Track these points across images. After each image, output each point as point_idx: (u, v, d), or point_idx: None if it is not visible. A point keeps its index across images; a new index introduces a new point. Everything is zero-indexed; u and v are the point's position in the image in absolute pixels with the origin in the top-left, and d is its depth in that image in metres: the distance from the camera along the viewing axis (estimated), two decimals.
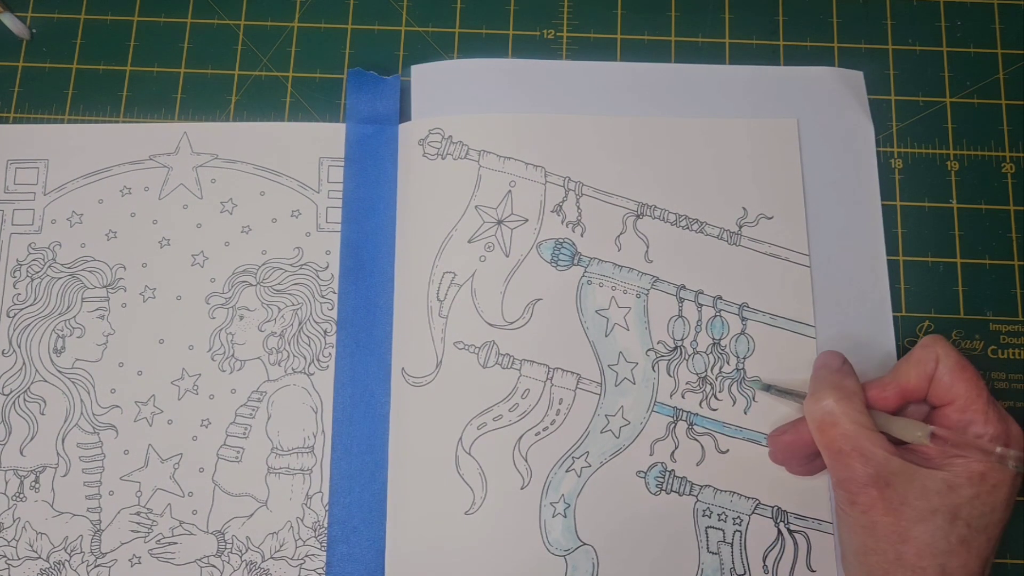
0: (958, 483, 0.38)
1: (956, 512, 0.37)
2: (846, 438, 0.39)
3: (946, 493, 0.37)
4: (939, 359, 0.40)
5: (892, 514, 0.37)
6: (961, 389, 0.39)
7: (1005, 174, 0.51)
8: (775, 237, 0.49)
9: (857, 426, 0.39)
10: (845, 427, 0.39)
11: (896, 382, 0.41)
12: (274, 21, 0.54)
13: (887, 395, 0.41)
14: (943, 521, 0.37)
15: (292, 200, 0.50)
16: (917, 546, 0.37)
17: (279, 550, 0.46)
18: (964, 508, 0.37)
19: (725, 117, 0.51)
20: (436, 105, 0.51)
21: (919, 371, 0.40)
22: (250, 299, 0.49)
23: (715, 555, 0.45)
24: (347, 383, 0.48)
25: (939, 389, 0.40)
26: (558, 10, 0.54)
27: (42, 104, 0.52)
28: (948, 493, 0.37)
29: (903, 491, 0.38)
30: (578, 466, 0.46)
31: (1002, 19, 0.53)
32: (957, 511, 0.37)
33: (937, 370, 0.40)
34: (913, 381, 0.40)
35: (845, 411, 0.39)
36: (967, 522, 0.37)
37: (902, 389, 0.41)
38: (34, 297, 0.49)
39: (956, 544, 0.37)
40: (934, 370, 0.40)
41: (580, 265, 0.49)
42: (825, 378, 0.42)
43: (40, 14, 0.54)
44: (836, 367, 0.43)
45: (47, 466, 0.47)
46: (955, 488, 0.38)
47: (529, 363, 0.47)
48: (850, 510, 0.39)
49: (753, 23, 0.53)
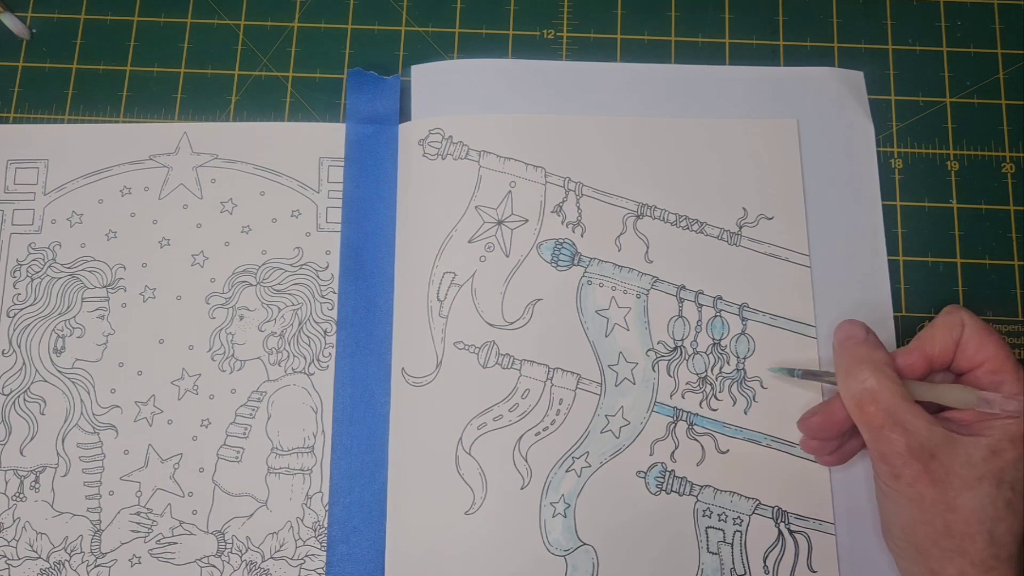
0: (1001, 447, 0.38)
1: (1001, 476, 0.37)
2: (887, 413, 0.38)
3: (990, 459, 0.37)
4: (964, 324, 0.40)
5: (938, 485, 0.37)
6: (990, 351, 0.39)
7: (1005, 174, 0.51)
8: (775, 237, 0.49)
9: (897, 399, 0.39)
10: (885, 401, 0.39)
11: (922, 350, 0.41)
12: (274, 21, 0.54)
13: (914, 363, 0.41)
14: (989, 487, 0.37)
15: (292, 200, 0.50)
16: (964, 514, 0.37)
17: (279, 550, 0.46)
18: (1008, 472, 0.37)
19: (725, 117, 0.51)
20: (436, 105, 0.51)
21: (945, 337, 0.40)
22: (250, 299, 0.49)
23: (715, 555, 0.45)
24: (347, 383, 0.48)
25: (966, 353, 0.40)
26: (558, 10, 0.54)
27: (42, 104, 0.52)
28: (992, 459, 0.37)
29: (947, 461, 0.37)
30: (578, 466, 0.46)
31: (1002, 19, 0.53)
32: (1002, 475, 0.37)
33: (963, 335, 0.40)
34: (939, 347, 0.40)
35: (883, 384, 0.39)
36: (1011, 485, 0.37)
37: (929, 356, 0.41)
38: (34, 297, 0.49)
39: (1003, 509, 0.37)
40: (960, 335, 0.40)
41: (580, 265, 0.49)
42: (856, 352, 0.41)
43: (40, 14, 0.54)
44: (862, 339, 0.42)
45: (47, 466, 0.47)
46: (999, 453, 0.37)
47: (529, 363, 0.47)
48: (895, 484, 0.39)
49: (753, 23, 0.53)
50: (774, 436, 0.46)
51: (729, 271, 0.48)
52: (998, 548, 0.37)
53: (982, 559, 0.37)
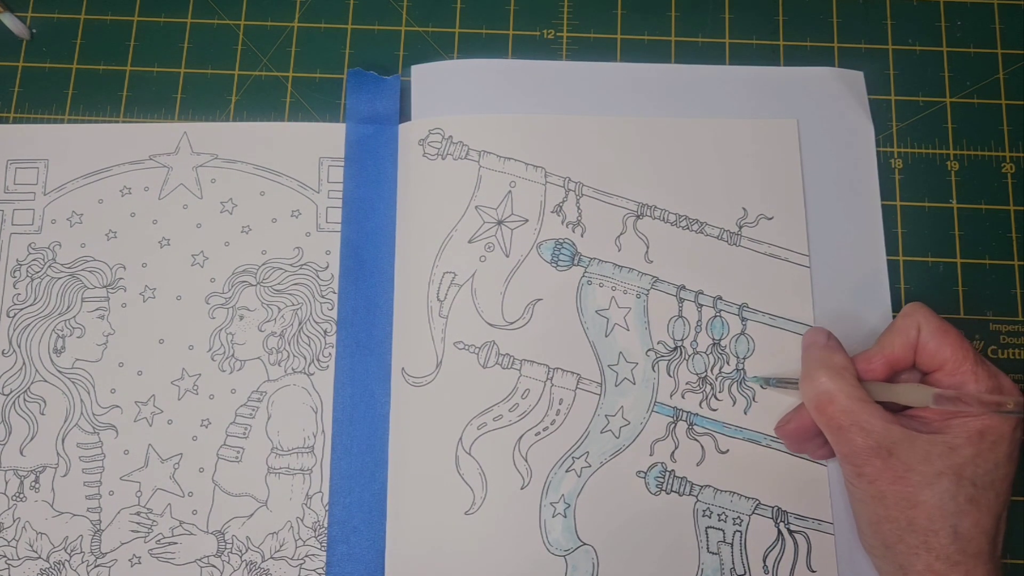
0: (958, 443, 0.38)
1: (960, 472, 0.38)
2: (844, 413, 0.39)
3: (948, 455, 0.38)
4: (920, 326, 0.40)
5: (899, 482, 0.38)
6: (947, 353, 0.40)
7: (1005, 174, 0.51)
8: (775, 237, 0.49)
9: (853, 399, 0.39)
10: (841, 403, 0.39)
11: (882, 353, 0.41)
12: (274, 21, 0.54)
13: (874, 367, 0.41)
14: (949, 483, 0.37)
15: (292, 200, 0.50)
16: (927, 510, 0.37)
17: (279, 550, 0.46)
18: (968, 467, 0.38)
19: (725, 117, 0.51)
20: (436, 105, 0.51)
21: (902, 340, 0.41)
22: (250, 299, 0.49)
23: (715, 555, 0.45)
24: (347, 383, 0.48)
25: (925, 355, 0.40)
26: (558, 10, 0.54)
27: (42, 104, 0.52)
28: (950, 454, 0.38)
29: (906, 458, 0.38)
30: (578, 466, 0.46)
31: (1002, 19, 0.53)
32: (961, 471, 0.38)
33: (920, 337, 0.40)
34: (898, 350, 0.41)
35: (839, 387, 0.40)
36: (972, 480, 0.38)
37: (888, 359, 0.41)
38: (34, 297, 0.49)
39: (965, 504, 0.37)
40: (917, 337, 0.40)
41: (580, 265, 0.49)
42: (815, 357, 0.42)
43: (40, 14, 0.54)
44: (823, 343, 0.43)
45: (47, 466, 0.47)
46: (956, 448, 0.38)
47: (529, 363, 0.47)
48: (858, 483, 0.39)
49: (753, 23, 0.53)
50: (774, 436, 0.46)
51: (729, 271, 0.48)
52: (964, 543, 0.37)
53: (947, 554, 0.37)
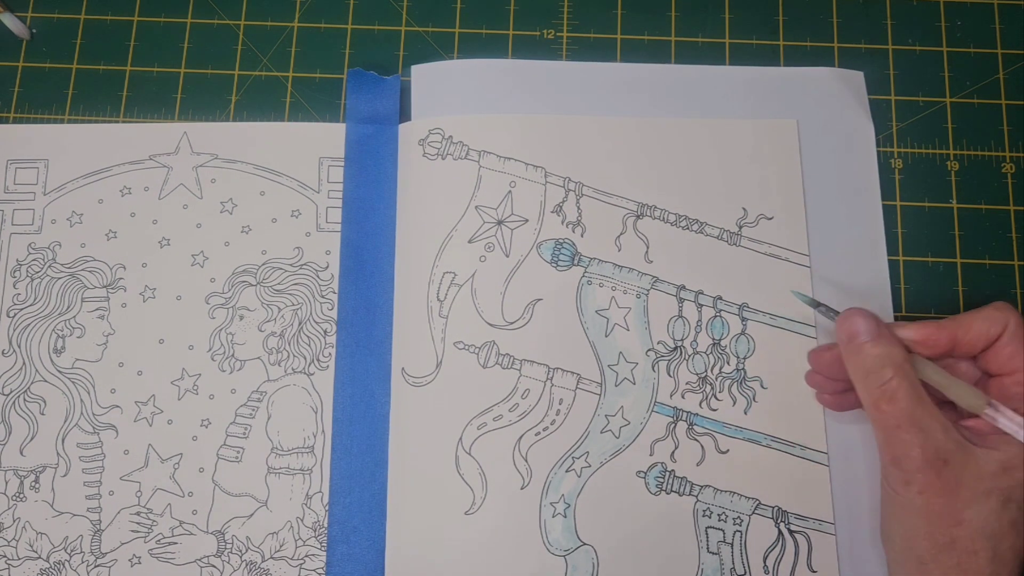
0: (1013, 464, 0.36)
1: (1009, 495, 0.36)
2: (906, 416, 0.37)
3: (1000, 475, 0.36)
4: (1008, 325, 0.38)
5: (947, 495, 0.36)
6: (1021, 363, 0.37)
7: (1005, 174, 0.51)
8: (775, 237, 0.49)
9: (915, 400, 0.37)
10: (903, 401, 0.37)
11: (955, 330, 0.38)
12: (274, 21, 0.54)
13: (939, 339, 0.38)
14: (996, 503, 0.36)
15: (292, 200, 0.50)
16: (970, 529, 0.36)
17: (279, 550, 0.46)
18: (1017, 491, 0.36)
19: (725, 117, 0.51)
20: (436, 105, 0.51)
21: (983, 329, 0.38)
22: (250, 299, 0.49)
23: (715, 555, 0.45)
24: (347, 383, 0.48)
25: (1000, 356, 0.38)
26: (558, 10, 0.54)
27: (42, 104, 0.52)
28: (1002, 475, 0.36)
29: (959, 471, 0.36)
30: (578, 466, 0.46)
31: (1002, 19, 0.53)
32: (1010, 493, 0.36)
33: (1003, 336, 0.38)
34: (973, 335, 0.38)
35: (902, 386, 0.37)
36: (1018, 505, 0.36)
37: (957, 338, 0.38)
38: (34, 297, 0.49)
39: (1007, 526, 0.36)
40: (1000, 334, 0.38)
41: (580, 265, 0.49)
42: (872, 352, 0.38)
43: (40, 14, 0.54)
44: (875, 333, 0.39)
45: (47, 466, 0.47)
46: (1009, 470, 0.36)
47: (529, 363, 0.47)
48: (903, 491, 0.37)
49: (753, 23, 0.53)
50: (774, 436, 0.46)
51: (729, 271, 0.48)
52: (1000, 566, 0.36)
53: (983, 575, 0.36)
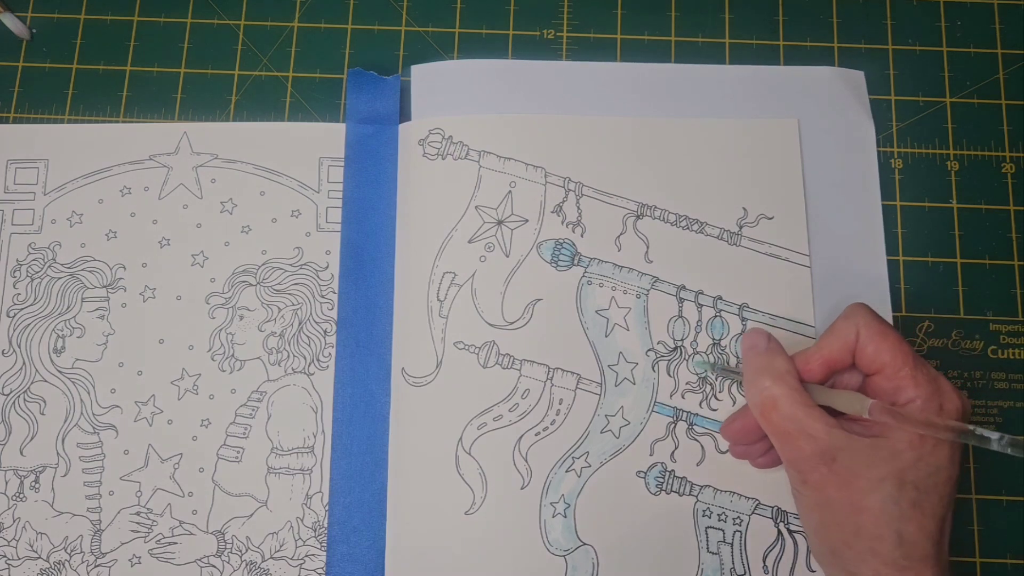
0: (900, 448, 0.38)
1: (903, 477, 0.37)
2: (789, 419, 0.39)
3: (890, 459, 0.37)
4: (859, 329, 0.40)
5: (844, 488, 0.38)
6: (886, 357, 0.39)
7: (1005, 174, 0.51)
8: (775, 237, 0.49)
9: (797, 405, 0.39)
10: (785, 408, 0.39)
11: (820, 354, 0.41)
12: (274, 21, 0.54)
13: (812, 368, 0.41)
14: (892, 488, 0.37)
15: (292, 200, 0.50)
16: (872, 515, 0.37)
17: (279, 550, 0.46)
18: (909, 472, 0.37)
19: (725, 117, 0.51)
20: (436, 105, 0.51)
21: (840, 342, 0.40)
22: (250, 299, 0.49)
23: (715, 555, 0.45)
24: (347, 383, 0.48)
25: (864, 358, 0.40)
26: (558, 10, 0.54)
27: (42, 104, 0.52)
28: (892, 459, 0.37)
29: (850, 463, 0.38)
30: (578, 466, 0.46)
31: (1002, 19, 0.53)
32: (903, 475, 0.37)
33: (859, 340, 0.40)
34: (836, 352, 0.41)
35: (783, 392, 0.39)
36: (915, 485, 0.37)
37: (826, 360, 0.41)
38: (34, 297, 0.49)
39: (908, 508, 0.37)
40: (855, 340, 0.40)
41: (580, 265, 0.49)
42: (756, 362, 0.42)
43: (40, 14, 0.54)
44: (763, 348, 0.42)
45: (47, 466, 0.47)
46: (898, 453, 0.38)
47: (529, 363, 0.47)
48: (803, 489, 0.39)
49: (753, 23, 0.53)
50: None
51: (729, 271, 0.48)
52: (908, 548, 0.37)
53: (893, 559, 0.37)
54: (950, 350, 0.49)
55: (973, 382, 0.48)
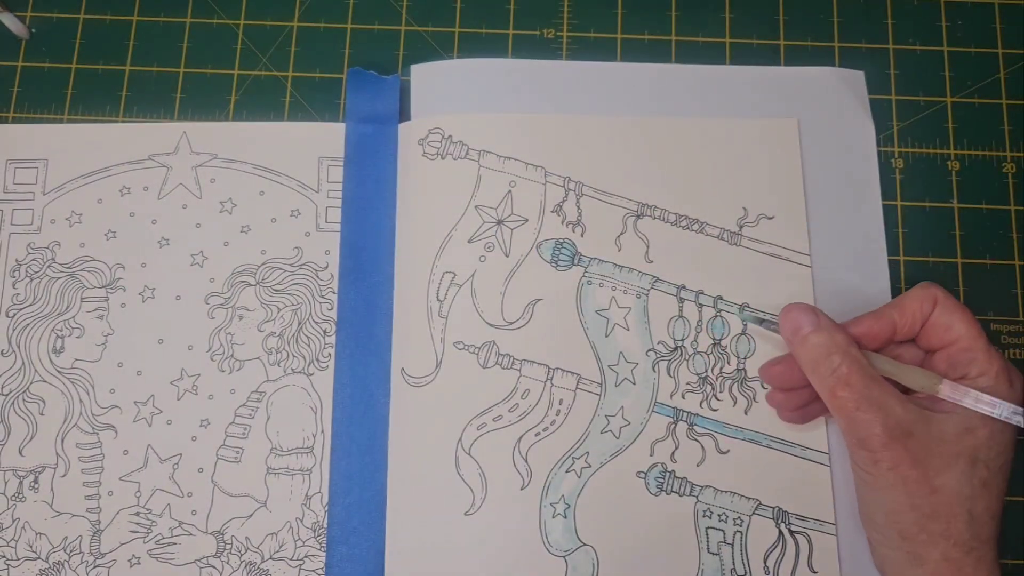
0: (973, 424, 0.37)
1: (975, 454, 0.37)
2: (860, 396, 0.38)
3: (964, 436, 0.37)
4: (937, 300, 0.40)
5: (919, 466, 0.37)
6: (962, 328, 0.39)
7: (1006, 174, 0.51)
8: (776, 237, 0.49)
9: (867, 380, 0.38)
10: (857, 384, 0.38)
11: (890, 316, 0.40)
12: (274, 21, 0.54)
13: (879, 330, 0.40)
14: (966, 465, 0.37)
15: (291, 200, 0.50)
16: (947, 495, 0.36)
17: (278, 551, 0.46)
18: (982, 450, 0.37)
19: (725, 117, 0.51)
20: (436, 105, 0.51)
21: (916, 308, 0.40)
22: (249, 299, 0.49)
23: (716, 556, 0.45)
24: (347, 383, 0.48)
25: (937, 330, 0.40)
26: (558, 10, 0.54)
27: (41, 104, 0.52)
28: (966, 436, 0.37)
29: (924, 440, 0.37)
30: (578, 466, 0.46)
31: (1003, 19, 0.53)
32: (976, 453, 0.37)
33: (935, 311, 0.40)
34: (908, 319, 0.40)
35: (852, 369, 0.38)
36: (986, 464, 0.37)
37: (895, 325, 0.40)
38: (33, 297, 0.49)
39: (979, 487, 0.37)
40: (931, 310, 0.40)
41: (580, 265, 0.49)
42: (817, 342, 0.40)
43: (39, 14, 0.54)
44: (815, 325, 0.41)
45: (46, 466, 0.47)
46: (972, 430, 0.37)
47: (529, 363, 0.47)
48: (874, 470, 0.38)
49: (753, 23, 0.53)
50: (774, 436, 0.46)
51: (729, 271, 0.48)
52: (978, 527, 0.37)
53: (964, 540, 0.37)
54: None
55: None
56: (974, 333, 0.39)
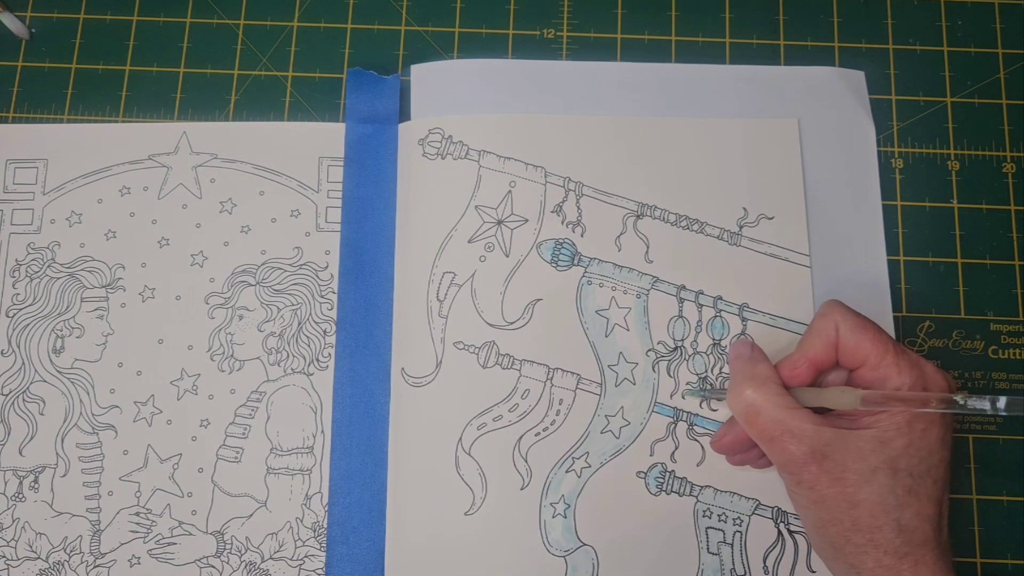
0: (889, 436, 0.38)
1: (895, 464, 0.38)
2: (773, 423, 0.39)
3: (881, 449, 0.38)
4: (838, 324, 0.40)
5: (837, 484, 0.38)
6: (868, 348, 0.40)
7: (1006, 174, 0.51)
8: (775, 237, 0.49)
9: (779, 408, 0.39)
10: (769, 413, 0.39)
11: (804, 356, 0.41)
12: (274, 21, 0.54)
13: (799, 371, 0.41)
14: (886, 477, 0.37)
15: (292, 200, 0.50)
16: (868, 507, 0.37)
17: (278, 551, 0.46)
18: (902, 458, 0.38)
19: (725, 117, 0.51)
20: (436, 105, 0.51)
21: (822, 340, 0.41)
22: (249, 299, 0.49)
23: (715, 556, 0.45)
24: (347, 383, 0.48)
25: (846, 353, 0.40)
26: (558, 10, 0.54)
27: (41, 104, 0.52)
28: (883, 448, 0.38)
29: (841, 458, 0.38)
30: (578, 466, 0.46)
31: (1003, 19, 0.53)
32: (895, 463, 0.38)
33: (839, 335, 0.40)
34: (819, 351, 0.41)
35: (765, 397, 0.40)
36: (908, 471, 0.38)
37: (811, 361, 0.41)
38: (33, 297, 0.49)
39: (904, 495, 0.37)
40: (836, 336, 0.40)
41: (580, 265, 0.49)
42: (739, 369, 0.42)
43: (39, 14, 0.54)
44: (747, 356, 0.43)
45: (46, 466, 0.47)
46: (887, 442, 0.38)
47: (529, 363, 0.47)
48: (798, 489, 0.39)
49: (753, 23, 0.53)
50: None
51: (729, 271, 0.48)
52: (908, 534, 0.37)
53: (895, 547, 0.37)
54: (951, 350, 0.49)
55: (974, 382, 0.48)
56: (880, 350, 0.39)
